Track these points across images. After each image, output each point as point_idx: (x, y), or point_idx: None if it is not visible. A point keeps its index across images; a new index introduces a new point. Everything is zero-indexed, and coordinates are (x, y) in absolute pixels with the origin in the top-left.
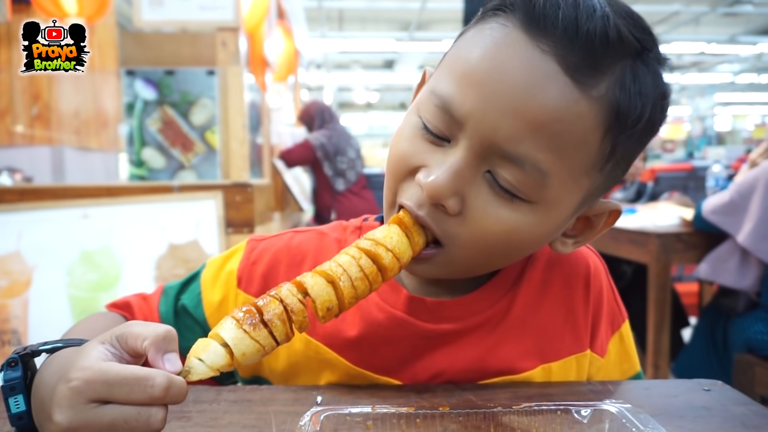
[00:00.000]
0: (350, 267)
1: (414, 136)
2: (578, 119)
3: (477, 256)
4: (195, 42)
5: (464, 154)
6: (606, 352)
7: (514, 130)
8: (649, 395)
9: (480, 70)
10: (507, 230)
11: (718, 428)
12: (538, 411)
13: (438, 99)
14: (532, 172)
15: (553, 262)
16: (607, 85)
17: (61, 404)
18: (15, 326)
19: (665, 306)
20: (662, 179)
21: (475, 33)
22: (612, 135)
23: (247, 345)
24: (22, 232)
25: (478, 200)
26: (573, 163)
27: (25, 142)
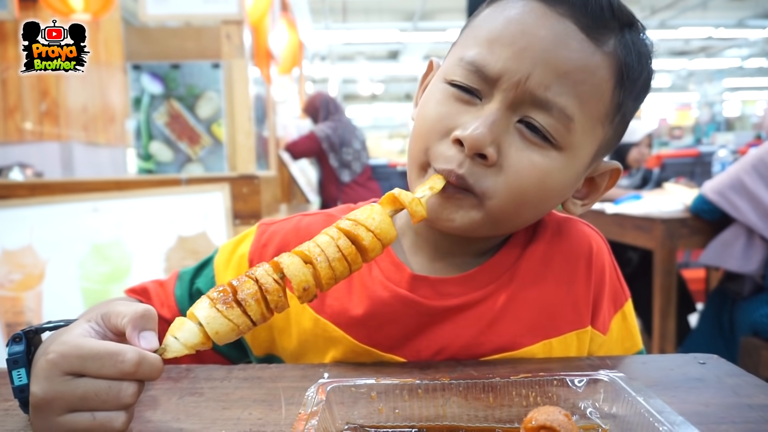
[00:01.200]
0: (328, 247)
1: (446, 99)
2: (595, 69)
3: (512, 206)
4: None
5: (498, 105)
6: (608, 329)
7: (543, 77)
8: (646, 368)
9: (509, 32)
10: (540, 175)
11: (711, 397)
12: (535, 382)
13: (469, 63)
14: (559, 116)
15: (554, 242)
16: (615, 43)
17: (38, 375)
18: (29, 319)
19: (671, 291)
20: (668, 165)
21: (494, 9)
22: (620, 88)
23: (220, 324)
24: (34, 226)
25: (513, 148)
26: (592, 111)
27: (35, 139)
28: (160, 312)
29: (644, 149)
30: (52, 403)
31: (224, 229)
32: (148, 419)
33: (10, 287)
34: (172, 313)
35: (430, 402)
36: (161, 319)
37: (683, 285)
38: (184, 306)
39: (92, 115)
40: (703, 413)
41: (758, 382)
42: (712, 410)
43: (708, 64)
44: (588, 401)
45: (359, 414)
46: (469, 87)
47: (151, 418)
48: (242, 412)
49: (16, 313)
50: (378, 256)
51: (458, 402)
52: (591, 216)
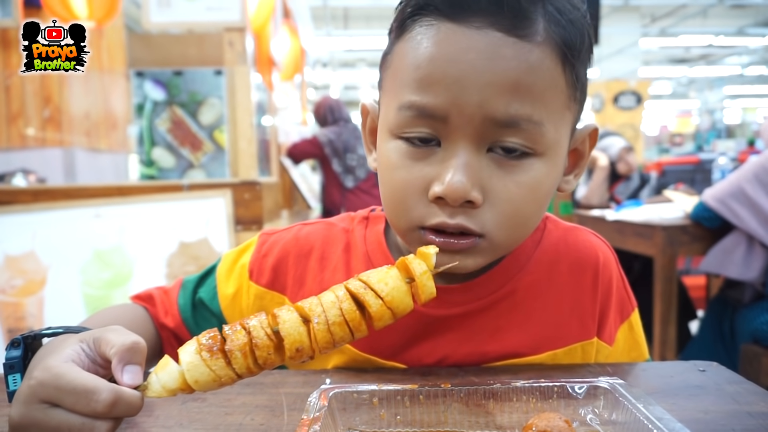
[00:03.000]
0: (331, 308)
1: (405, 159)
2: (539, 65)
3: (515, 228)
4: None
5: (463, 144)
6: (614, 340)
7: (495, 98)
8: (646, 375)
9: (436, 68)
10: (531, 191)
11: (710, 405)
12: (536, 388)
13: (410, 107)
14: (528, 127)
15: (560, 252)
16: (544, 26)
17: (18, 399)
18: (31, 324)
19: (671, 298)
20: (669, 172)
21: (406, 43)
22: (569, 67)
23: (200, 372)
24: (37, 232)
25: (494, 180)
26: (554, 104)
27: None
28: (163, 320)
29: (629, 160)
30: (27, 429)
31: (226, 235)
32: (151, 425)
33: (12, 293)
34: (175, 322)
35: (432, 408)
36: (164, 328)
37: (684, 292)
38: (187, 315)
39: (95, 122)
40: (703, 420)
41: (758, 390)
42: (712, 417)
43: (708, 71)
44: (588, 408)
45: (361, 420)
46: (423, 136)
47: (155, 424)
48: (244, 418)
49: (18, 319)
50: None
51: (459, 408)
52: (591, 222)
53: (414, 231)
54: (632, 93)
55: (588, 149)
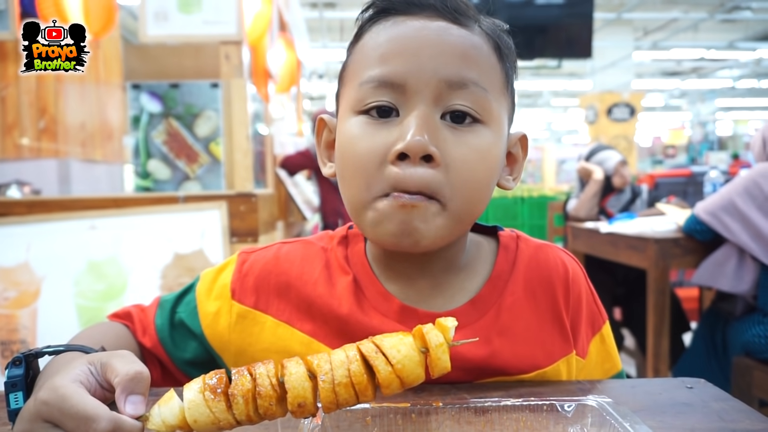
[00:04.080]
0: (339, 368)
1: (366, 130)
2: (480, 46)
3: (471, 192)
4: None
5: (421, 109)
6: (587, 353)
7: (447, 65)
8: (634, 392)
9: (395, 44)
10: (482, 155)
11: (697, 422)
12: (526, 406)
13: (373, 81)
14: (476, 90)
15: (532, 270)
16: (478, 27)
17: (23, 417)
18: (24, 336)
19: (664, 310)
20: (661, 185)
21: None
22: (502, 60)
23: (201, 413)
24: (31, 243)
25: (448, 143)
26: (494, 82)
27: (33, 155)
28: (141, 340)
29: (623, 173)
30: None
31: (221, 247)
32: None
33: (5, 305)
34: (152, 342)
35: (423, 426)
36: (144, 348)
37: (677, 304)
38: (164, 335)
39: (90, 132)
40: None
41: (743, 407)
42: None
43: (700, 84)
44: (577, 426)
45: None
46: (383, 104)
47: None
48: None
49: (11, 331)
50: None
51: (451, 426)
52: (585, 235)
53: (376, 201)
54: (626, 105)
55: (522, 154)
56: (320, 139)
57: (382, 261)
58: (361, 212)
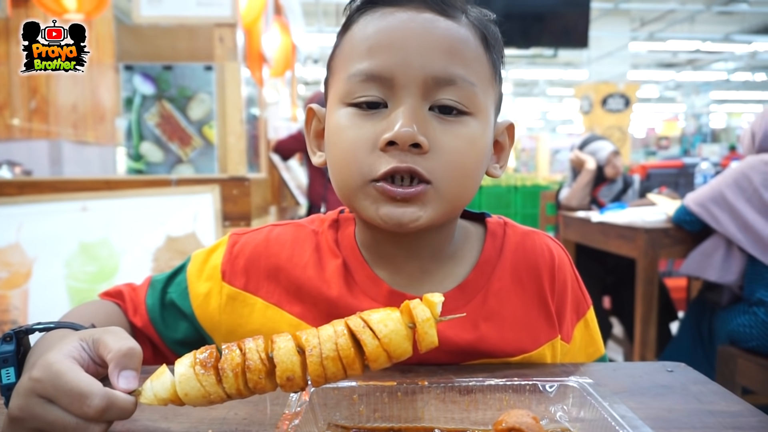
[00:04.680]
0: (326, 342)
1: (355, 121)
2: (467, 39)
3: (459, 178)
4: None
5: (408, 99)
6: (572, 338)
7: (435, 60)
8: (616, 375)
9: (383, 37)
10: (469, 144)
11: (675, 404)
12: (509, 386)
13: (360, 74)
14: (463, 85)
15: (519, 256)
16: (465, 18)
17: (18, 392)
18: (15, 317)
19: (652, 299)
20: (653, 176)
21: (353, 31)
22: (489, 50)
23: (191, 386)
24: (22, 224)
25: (436, 132)
26: (481, 75)
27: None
28: (132, 320)
29: (616, 163)
30: (25, 421)
31: (213, 231)
32: (136, 419)
33: None
34: (143, 322)
35: (409, 404)
36: (135, 328)
37: (666, 293)
38: (155, 315)
39: (82, 114)
40: (666, 418)
41: (720, 390)
42: (675, 416)
43: (695, 76)
44: (558, 406)
45: (341, 415)
46: (372, 99)
47: (139, 417)
48: (228, 412)
49: (2, 311)
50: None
51: (436, 405)
52: (576, 223)
53: (367, 186)
54: (620, 96)
55: (508, 142)
56: (309, 128)
57: (371, 246)
58: (353, 197)
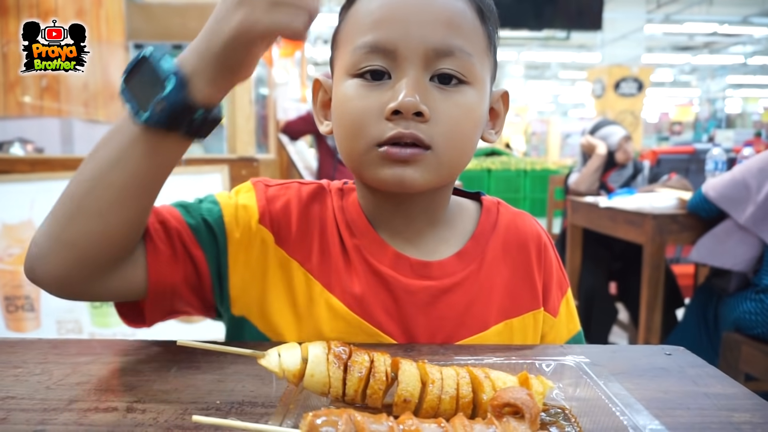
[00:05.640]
0: (449, 380)
1: (361, 91)
2: (464, 12)
3: (457, 144)
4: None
5: (411, 71)
6: (558, 312)
7: (435, 32)
8: (614, 357)
9: (385, 12)
10: (467, 111)
11: (671, 386)
12: (507, 365)
13: (365, 46)
14: (461, 56)
15: (511, 232)
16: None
17: None
18: (28, 292)
19: (658, 285)
20: (664, 161)
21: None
22: (485, 22)
23: (319, 371)
24: (34, 201)
25: (437, 102)
26: (477, 46)
27: (35, 114)
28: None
29: (627, 149)
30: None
31: None
32: (147, 389)
33: (9, 261)
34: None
35: None
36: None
37: (672, 280)
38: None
39: (92, 92)
40: (661, 399)
41: (717, 373)
42: (670, 397)
43: (711, 60)
44: (555, 383)
45: None
46: (376, 68)
47: (151, 387)
48: (236, 385)
49: (15, 287)
50: None
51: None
52: (584, 209)
53: (372, 150)
54: (634, 79)
55: (503, 109)
56: (316, 98)
57: (371, 211)
58: (359, 160)
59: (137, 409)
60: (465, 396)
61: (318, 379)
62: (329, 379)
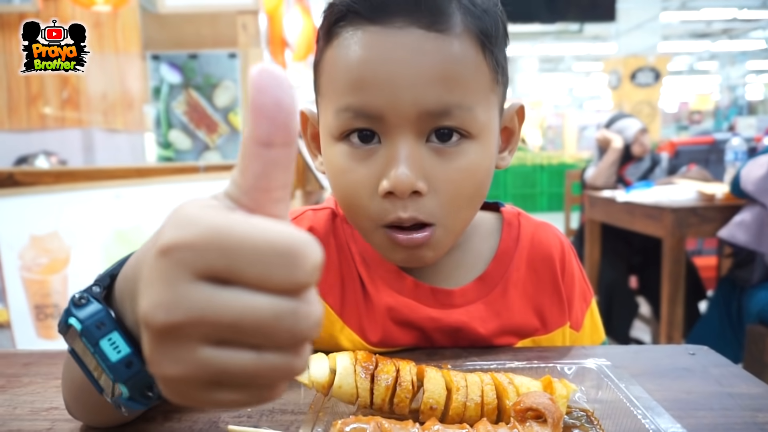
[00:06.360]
0: (473, 387)
1: (349, 162)
2: (461, 55)
3: (460, 210)
4: (215, 23)
5: (403, 138)
6: (582, 326)
7: (426, 93)
8: (637, 358)
9: (367, 71)
10: (470, 173)
11: (694, 386)
12: (529, 368)
13: (349, 111)
14: (461, 113)
15: (535, 246)
16: (461, 19)
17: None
18: (56, 301)
19: (679, 279)
20: (682, 152)
21: (336, 50)
22: (488, 53)
23: (347, 382)
24: (61, 212)
25: (436, 168)
26: (480, 90)
27: (57, 125)
28: None
29: (643, 141)
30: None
31: None
32: None
33: (37, 270)
34: None
35: None
36: None
37: (694, 272)
38: None
39: (111, 102)
40: (684, 400)
41: (742, 373)
42: (693, 398)
43: (731, 46)
44: (578, 386)
45: None
46: (364, 133)
47: None
48: None
49: (44, 296)
50: None
51: None
52: (601, 203)
53: (377, 230)
54: (650, 69)
55: (518, 126)
56: (305, 132)
57: None
58: (366, 236)
59: (173, 417)
60: (490, 402)
61: (346, 389)
62: (357, 389)
